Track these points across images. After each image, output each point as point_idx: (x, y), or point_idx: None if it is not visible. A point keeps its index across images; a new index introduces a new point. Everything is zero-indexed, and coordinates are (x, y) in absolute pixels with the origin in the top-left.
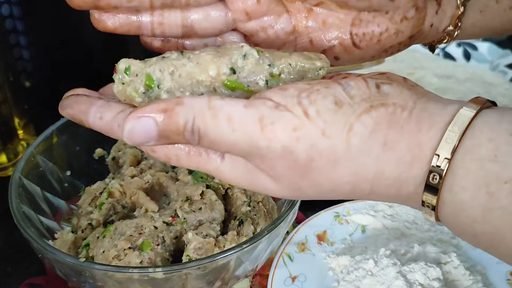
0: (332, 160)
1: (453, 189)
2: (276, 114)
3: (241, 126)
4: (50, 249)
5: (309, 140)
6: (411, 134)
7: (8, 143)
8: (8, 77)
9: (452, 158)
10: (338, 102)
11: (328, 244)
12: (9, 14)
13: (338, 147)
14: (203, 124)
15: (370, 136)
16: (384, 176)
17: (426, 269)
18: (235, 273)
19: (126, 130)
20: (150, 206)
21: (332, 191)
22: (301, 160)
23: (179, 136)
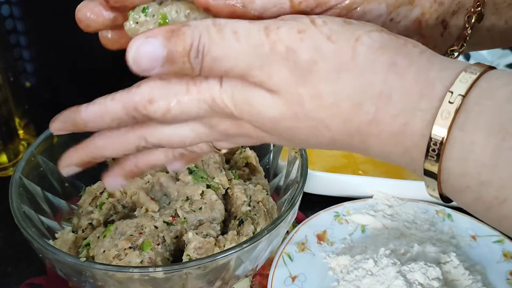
0: (336, 66)
1: (465, 127)
2: (282, 22)
3: (246, 37)
4: (51, 249)
5: (313, 42)
6: (421, 67)
7: (9, 143)
8: (9, 77)
9: (466, 96)
10: (347, 21)
11: (328, 243)
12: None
13: (343, 53)
14: (208, 40)
15: (377, 52)
16: (392, 101)
17: (425, 268)
18: (235, 273)
19: (132, 51)
20: (151, 205)
21: (332, 106)
22: (303, 61)
23: (185, 58)
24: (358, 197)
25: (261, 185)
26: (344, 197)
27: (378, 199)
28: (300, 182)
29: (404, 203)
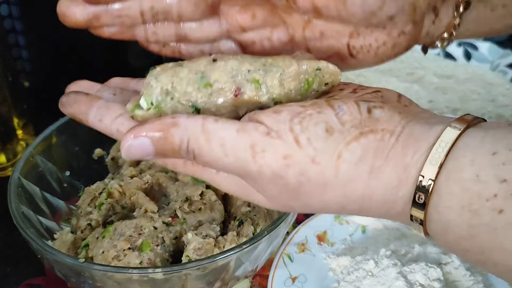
0: (322, 185)
1: (439, 209)
2: (267, 141)
3: (233, 152)
4: (50, 250)
5: (299, 167)
6: (397, 159)
7: (7, 143)
8: (7, 77)
9: (436, 179)
10: (329, 129)
11: (328, 244)
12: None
13: (327, 173)
14: (197, 147)
15: (357, 164)
16: (373, 199)
17: (426, 269)
18: (235, 274)
19: (124, 147)
20: (150, 206)
21: (322, 210)
22: (291, 185)
23: (175, 154)
24: None
25: None
26: None
27: None
28: None
29: None
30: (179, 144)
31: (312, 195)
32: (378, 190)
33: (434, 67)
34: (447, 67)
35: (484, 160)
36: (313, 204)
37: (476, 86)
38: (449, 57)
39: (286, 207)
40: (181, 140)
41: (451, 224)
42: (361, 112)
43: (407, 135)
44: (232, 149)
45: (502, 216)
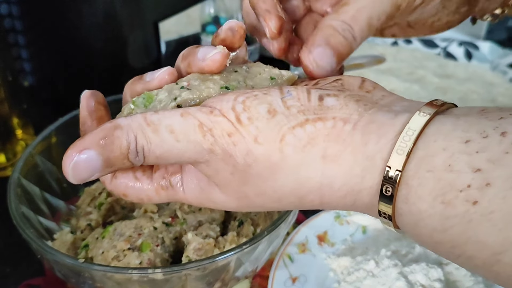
0: (269, 167)
1: (409, 200)
2: (212, 119)
3: (184, 136)
4: (49, 250)
5: (244, 146)
6: (356, 147)
7: (7, 143)
8: (7, 77)
9: (404, 169)
10: (271, 111)
11: (329, 245)
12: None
13: (272, 155)
14: (146, 141)
15: (304, 148)
16: (335, 188)
17: (427, 270)
18: (235, 274)
19: (69, 168)
20: (150, 206)
21: (279, 201)
22: (240, 165)
23: (124, 160)
24: None
25: None
26: None
27: None
28: None
29: None
30: (127, 146)
31: (263, 179)
32: (338, 178)
33: (435, 66)
34: (447, 66)
35: (457, 148)
36: (267, 191)
37: (476, 86)
38: (449, 57)
39: (242, 198)
40: (128, 141)
41: (423, 216)
42: (310, 99)
43: (366, 122)
44: (182, 134)
45: (477, 207)
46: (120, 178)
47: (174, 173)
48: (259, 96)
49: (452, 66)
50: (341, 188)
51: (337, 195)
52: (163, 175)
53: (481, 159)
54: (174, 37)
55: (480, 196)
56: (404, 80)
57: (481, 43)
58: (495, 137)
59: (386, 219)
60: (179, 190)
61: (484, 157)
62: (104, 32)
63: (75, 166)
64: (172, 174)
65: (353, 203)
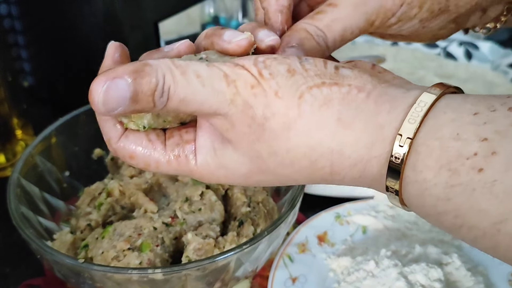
0: (286, 123)
1: (416, 168)
2: (236, 71)
3: (210, 82)
4: (49, 250)
5: (264, 98)
6: (369, 115)
7: (7, 143)
8: (7, 77)
9: (414, 138)
10: (291, 70)
11: (329, 245)
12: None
13: (290, 110)
14: (173, 81)
15: (321, 109)
16: (345, 155)
17: (427, 270)
18: (235, 274)
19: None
20: (150, 206)
21: (291, 164)
22: (258, 117)
23: (149, 97)
24: (359, 198)
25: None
26: (344, 198)
27: (379, 200)
28: None
29: None
30: (156, 83)
31: (277, 136)
32: (348, 143)
33: (435, 66)
34: (447, 66)
35: (465, 119)
36: (280, 152)
37: (477, 86)
38: (450, 57)
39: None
40: (157, 78)
41: (428, 185)
42: (327, 67)
43: (379, 94)
44: (208, 79)
45: (482, 175)
46: (131, 137)
47: (189, 141)
48: (278, 58)
49: (453, 66)
50: (351, 155)
51: (347, 163)
52: (177, 142)
53: (488, 129)
54: (174, 37)
55: (485, 164)
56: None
57: (481, 43)
58: (503, 111)
59: (393, 194)
60: (191, 161)
61: (491, 128)
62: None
63: (106, 92)
64: (186, 142)
65: (362, 173)
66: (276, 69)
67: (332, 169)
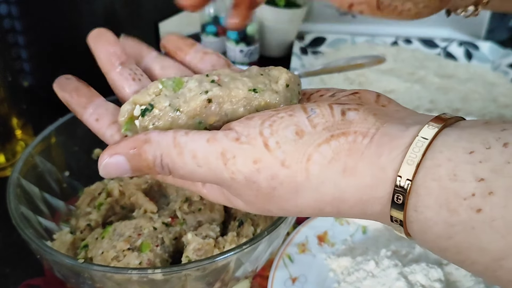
0: (294, 188)
1: (418, 208)
2: (237, 147)
3: (206, 162)
4: (49, 250)
5: (269, 171)
6: (372, 159)
7: (6, 143)
8: (6, 77)
9: (413, 179)
10: (299, 132)
11: (329, 245)
12: (7, 13)
13: (297, 176)
14: (170, 161)
15: (329, 165)
16: (345, 199)
17: (427, 270)
18: (235, 275)
19: (101, 166)
20: (149, 207)
21: (300, 213)
22: (264, 189)
23: (151, 170)
24: None
25: None
26: None
27: None
28: None
29: None
30: (153, 160)
31: (286, 200)
32: (348, 190)
33: (435, 67)
34: (448, 67)
35: (461, 158)
36: (289, 208)
37: (477, 86)
38: (450, 57)
39: (265, 211)
40: (154, 156)
41: (429, 224)
42: (334, 115)
43: (381, 135)
44: (204, 160)
45: (480, 215)
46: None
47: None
48: (285, 118)
49: (453, 66)
50: (349, 199)
51: (347, 206)
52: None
53: (484, 169)
54: None
55: (483, 204)
56: (405, 80)
57: (481, 43)
58: (498, 147)
59: (398, 226)
60: (197, 183)
61: (487, 167)
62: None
63: (106, 166)
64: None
65: (363, 211)
66: (284, 135)
67: (339, 211)
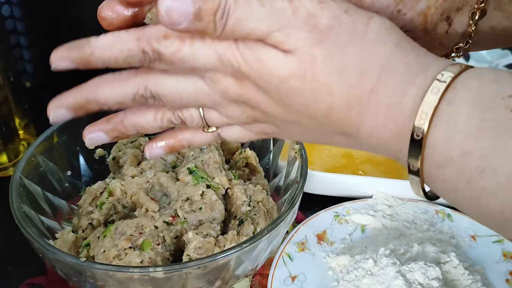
0: (350, 35)
1: (453, 102)
2: None
3: (271, 2)
4: (51, 249)
5: (332, 11)
6: (420, 53)
7: (9, 143)
8: (9, 77)
9: (456, 77)
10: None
11: (328, 243)
12: (10, 14)
13: (358, 25)
14: (233, 2)
15: (387, 30)
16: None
17: (425, 268)
18: (235, 273)
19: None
20: (151, 206)
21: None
22: (322, 25)
23: (211, 16)
24: (357, 197)
25: (261, 185)
26: (344, 197)
27: (377, 199)
28: (300, 182)
29: (403, 203)
30: (218, 2)
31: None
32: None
33: None
34: None
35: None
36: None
37: None
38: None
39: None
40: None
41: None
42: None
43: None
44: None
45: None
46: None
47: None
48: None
49: None
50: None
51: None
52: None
53: None
54: None
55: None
56: None
57: None
58: None
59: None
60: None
61: None
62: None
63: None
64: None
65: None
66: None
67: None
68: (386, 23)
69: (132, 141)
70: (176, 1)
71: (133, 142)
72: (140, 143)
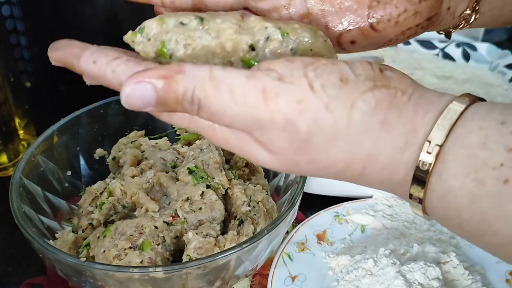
0: (333, 135)
1: (443, 176)
2: (280, 85)
3: (244, 99)
4: (51, 249)
5: (312, 114)
6: (408, 117)
7: (9, 143)
8: (9, 77)
9: (443, 145)
10: (343, 79)
11: (328, 243)
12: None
13: (340, 122)
14: (204, 95)
15: (371, 114)
16: (379, 159)
17: (425, 268)
18: (235, 273)
19: (124, 94)
20: (151, 206)
21: (326, 168)
22: (302, 134)
23: (178, 105)
24: (357, 197)
25: (261, 185)
26: (344, 197)
27: (377, 199)
28: (300, 182)
29: (403, 203)
30: (183, 93)
31: (320, 148)
32: (386, 148)
33: (433, 67)
34: (446, 67)
35: (493, 128)
36: (319, 159)
37: (475, 86)
38: (448, 58)
39: (289, 164)
40: (186, 88)
41: (453, 193)
42: (373, 69)
43: (418, 96)
44: (242, 96)
45: (508, 186)
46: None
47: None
48: (328, 66)
49: (451, 67)
50: (384, 159)
51: (378, 168)
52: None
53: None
54: None
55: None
56: None
57: (478, 44)
58: None
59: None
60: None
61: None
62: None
63: (131, 94)
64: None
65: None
66: (328, 79)
67: (363, 171)
68: (370, 105)
69: (132, 141)
70: (135, 90)
71: (133, 142)
72: (140, 143)
